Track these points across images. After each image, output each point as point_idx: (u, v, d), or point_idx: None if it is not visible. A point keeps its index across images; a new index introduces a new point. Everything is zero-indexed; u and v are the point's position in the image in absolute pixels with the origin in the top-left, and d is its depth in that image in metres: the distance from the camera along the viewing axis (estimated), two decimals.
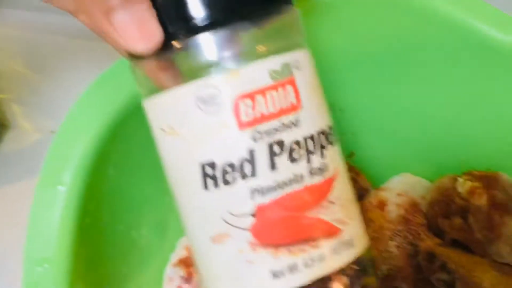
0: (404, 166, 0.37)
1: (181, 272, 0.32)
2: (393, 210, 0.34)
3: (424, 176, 0.36)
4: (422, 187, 0.35)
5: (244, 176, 0.20)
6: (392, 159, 0.37)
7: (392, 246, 0.33)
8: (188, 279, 0.31)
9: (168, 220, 0.32)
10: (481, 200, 0.31)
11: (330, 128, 0.22)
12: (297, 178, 0.21)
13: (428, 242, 0.32)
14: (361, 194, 0.36)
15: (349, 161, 0.37)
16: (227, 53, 0.20)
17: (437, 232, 0.33)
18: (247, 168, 0.20)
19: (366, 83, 0.35)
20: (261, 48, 0.21)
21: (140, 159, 0.29)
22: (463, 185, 0.32)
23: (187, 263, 0.32)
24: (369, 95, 0.35)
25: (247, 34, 0.21)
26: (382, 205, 0.35)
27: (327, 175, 0.22)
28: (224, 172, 0.20)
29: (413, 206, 0.34)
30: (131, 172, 0.28)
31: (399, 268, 0.32)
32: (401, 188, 0.35)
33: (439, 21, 0.30)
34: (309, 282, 0.21)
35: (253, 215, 0.21)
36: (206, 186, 0.21)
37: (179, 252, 0.32)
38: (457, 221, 0.32)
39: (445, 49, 0.31)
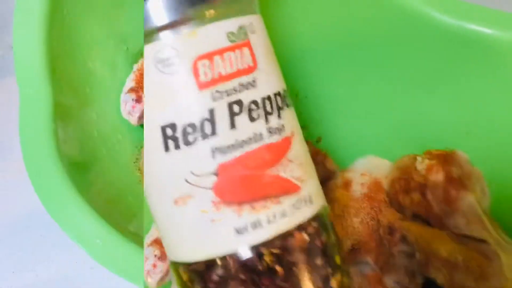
0: (369, 149, 0.38)
1: (156, 251, 0.33)
2: (357, 190, 0.36)
3: (387, 158, 0.38)
4: (385, 167, 0.37)
5: (204, 135, 0.21)
6: (357, 143, 0.39)
7: (356, 222, 0.34)
8: (161, 257, 0.33)
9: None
10: (438, 176, 0.33)
11: (285, 91, 0.23)
12: (257, 137, 0.21)
13: (389, 217, 0.33)
14: (328, 176, 0.37)
15: (316, 146, 0.39)
16: (184, 15, 0.21)
17: (398, 208, 0.34)
18: (208, 128, 0.21)
19: (329, 70, 0.36)
20: (217, 10, 0.21)
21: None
22: (422, 163, 0.34)
23: (161, 243, 0.33)
24: (333, 81, 0.37)
25: None
26: (347, 185, 0.36)
27: (285, 134, 0.22)
28: (185, 133, 0.21)
29: (376, 184, 0.36)
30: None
31: (363, 242, 0.34)
32: (365, 168, 0.37)
33: (399, 11, 0.32)
34: (272, 238, 0.21)
35: (215, 174, 0.21)
36: (167, 148, 0.21)
37: (153, 233, 0.34)
38: (417, 196, 0.34)
39: (405, 36, 0.33)
